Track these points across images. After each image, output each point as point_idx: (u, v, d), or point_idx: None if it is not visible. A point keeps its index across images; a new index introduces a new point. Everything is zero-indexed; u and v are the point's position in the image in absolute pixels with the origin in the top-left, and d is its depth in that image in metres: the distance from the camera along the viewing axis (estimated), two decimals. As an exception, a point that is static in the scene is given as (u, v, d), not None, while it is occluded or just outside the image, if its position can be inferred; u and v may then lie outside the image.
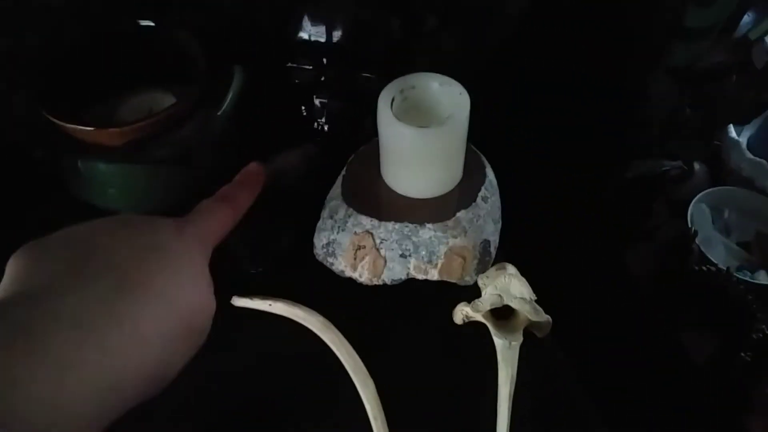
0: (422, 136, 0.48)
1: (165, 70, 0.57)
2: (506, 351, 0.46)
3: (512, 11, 0.68)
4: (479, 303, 0.49)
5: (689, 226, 0.85)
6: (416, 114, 0.51)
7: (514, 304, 0.48)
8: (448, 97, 0.51)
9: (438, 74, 0.51)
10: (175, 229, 0.35)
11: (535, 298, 0.49)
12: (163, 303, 0.31)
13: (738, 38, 0.95)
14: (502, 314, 0.50)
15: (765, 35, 0.92)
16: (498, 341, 0.47)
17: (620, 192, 0.86)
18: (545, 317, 0.49)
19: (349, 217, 0.52)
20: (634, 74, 0.74)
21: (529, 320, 0.49)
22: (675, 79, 0.73)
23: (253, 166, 0.46)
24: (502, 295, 0.48)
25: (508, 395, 0.45)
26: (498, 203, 0.57)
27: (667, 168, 0.83)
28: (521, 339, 0.47)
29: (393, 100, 0.50)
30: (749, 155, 0.88)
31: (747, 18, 1.00)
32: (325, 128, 0.57)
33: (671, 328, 0.83)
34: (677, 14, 0.67)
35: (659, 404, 0.82)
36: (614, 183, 0.84)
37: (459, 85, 0.50)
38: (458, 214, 0.52)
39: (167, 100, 0.55)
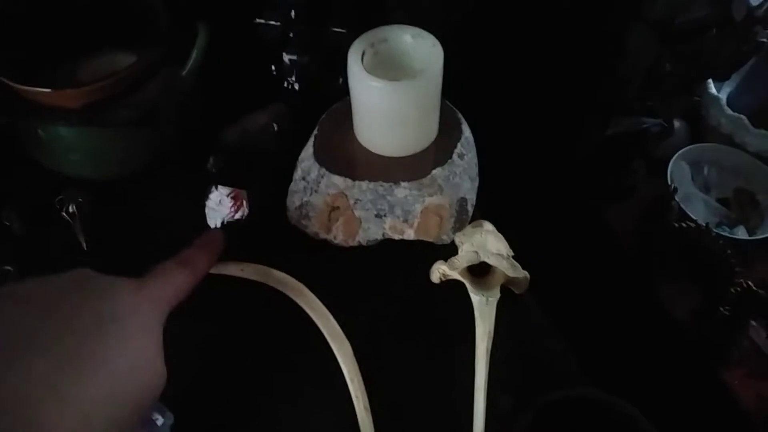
0: (394, 91, 0.46)
1: (127, 29, 0.55)
2: (483, 307, 0.46)
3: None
4: (456, 260, 0.48)
5: (669, 183, 0.84)
6: (388, 68, 0.50)
7: (490, 261, 0.47)
8: (421, 51, 0.49)
9: (410, 26, 0.50)
10: (133, 294, 0.33)
11: (512, 254, 0.49)
12: (113, 382, 0.29)
13: (718, -9, 0.93)
14: (480, 271, 0.50)
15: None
16: (475, 297, 0.46)
17: (600, 149, 0.85)
18: (522, 273, 0.48)
19: (322, 177, 0.51)
20: (614, 27, 0.73)
21: (507, 276, 0.48)
22: (655, 33, 0.72)
23: (213, 232, 0.45)
24: (478, 251, 0.48)
25: (486, 351, 0.44)
26: (475, 160, 0.56)
27: (647, 125, 0.82)
28: (498, 295, 0.47)
29: (363, 54, 0.48)
30: (729, 111, 0.88)
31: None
32: (296, 86, 0.55)
33: (652, 284, 0.84)
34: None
35: (639, 357, 0.83)
36: (594, 140, 0.83)
37: (432, 37, 0.49)
38: (434, 172, 0.51)
39: (130, 60, 0.52)
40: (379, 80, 0.46)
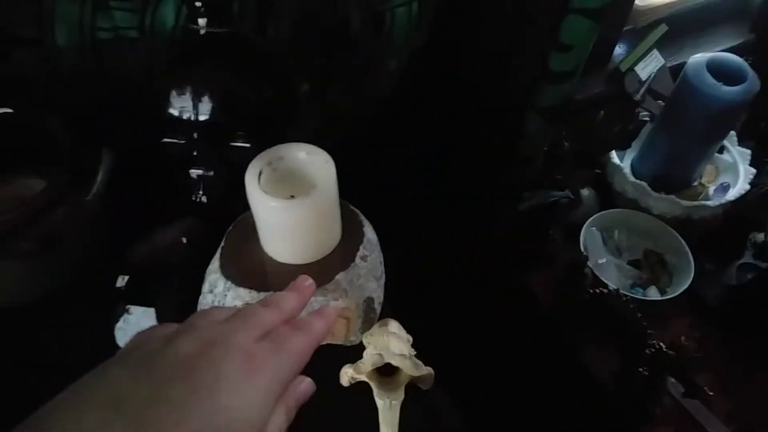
0: (289, 208, 0.49)
1: (32, 154, 0.56)
2: (386, 411, 0.47)
3: (384, 73, 0.71)
4: (361, 364, 0.50)
5: (582, 250, 0.89)
6: (287, 184, 0.52)
7: (394, 362, 0.49)
8: (315, 166, 0.52)
9: (305, 144, 0.53)
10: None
11: (414, 353, 0.51)
12: None
13: (611, 70, 1.02)
14: (388, 370, 0.52)
15: (635, 65, 0.99)
16: (378, 402, 0.48)
17: (516, 223, 0.90)
18: (426, 370, 0.50)
19: (228, 290, 0.52)
20: (512, 117, 0.78)
21: (412, 376, 0.50)
22: (549, 117, 0.78)
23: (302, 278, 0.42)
24: (382, 353, 0.50)
25: (390, 456, 0.46)
26: (379, 259, 0.58)
27: (556, 197, 0.88)
28: (401, 397, 0.49)
29: (261, 172, 0.51)
30: (631, 178, 0.94)
31: (619, 50, 1.08)
32: (203, 200, 0.57)
33: (574, 350, 0.87)
34: (543, 60, 0.71)
35: (567, 423, 0.85)
36: (508, 215, 0.88)
37: (324, 153, 0.52)
38: (337, 277, 0.53)
39: (37, 185, 0.54)
40: (274, 199, 0.48)
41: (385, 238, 0.61)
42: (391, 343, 0.50)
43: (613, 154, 0.97)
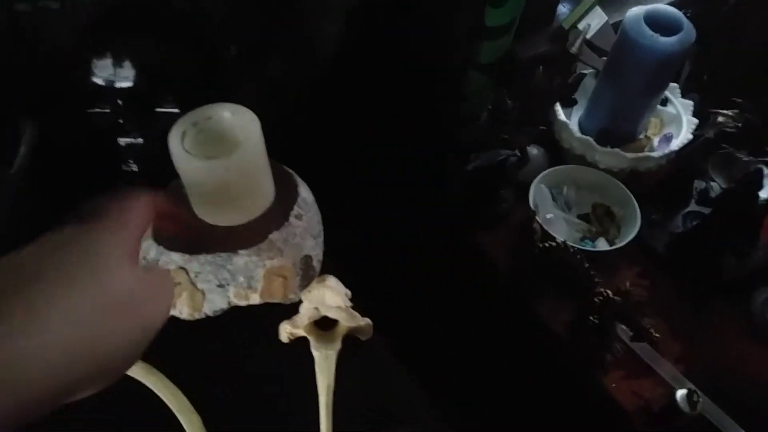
0: (213, 168, 0.48)
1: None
2: (322, 362, 0.48)
3: (319, 34, 0.70)
4: (297, 318, 0.50)
5: (531, 206, 0.91)
6: (214, 145, 0.52)
7: (330, 314, 0.50)
8: (241, 126, 0.52)
9: (230, 104, 0.52)
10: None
11: (350, 305, 0.51)
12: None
13: (556, 28, 1.03)
14: (327, 325, 0.52)
15: (578, 23, 1.00)
16: (315, 353, 0.49)
17: (466, 183, 0.91)
18: (363, 321, 0.51)
19: (160, 256, 0.52)
20: (453, 77, 0.79)
21: (350, 327, 0.51)
22: (489, 75, 0.78)
23: None
24: (318, 307, 0.50)
25: (326, 404, 0.46)
26: (317, 218, 0.58)
27: (504, 156, 0.88)
28: (338, 347, 0.49)
29: (185, 133, 0.50)
30: (577, 134, 0.96)
31: (563, 9, 1.08)
32: (135, 169, 0.56)
33: (529, 304, 0.89)
34: (477, 15, 0.71)
35: (523, 372, 0.87)
36: (458, 176, 0.88)
37: (249, 112, 0.51)
38: (271, 236, 0.53)
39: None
40: (197, 159, 0.48)
41: (335, 205, 0.61)
42: (326, 296, 0.50)
43: (560, 111, 0.98)
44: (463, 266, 0.89)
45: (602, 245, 0.89)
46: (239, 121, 0.53)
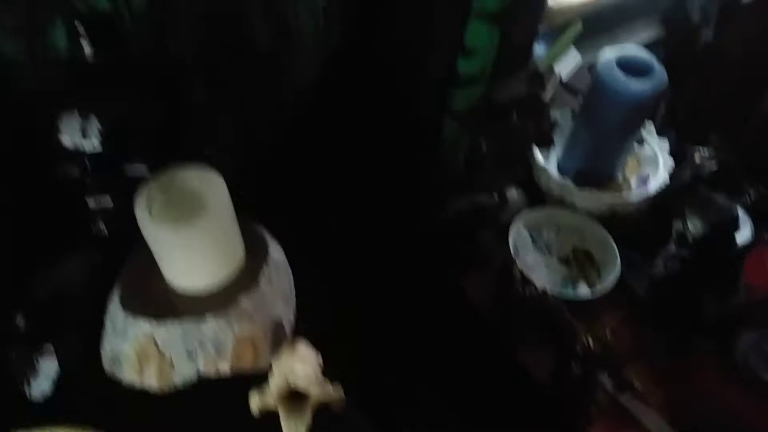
0: (179, 232, 0.47)
1: None
2: (292, 437, 0.46)
3: (297, 82, 0.69)
4: (267, 389, 0.48)
5: (511, 250, 0.89)
6: (180, 208, 0.50)
7: (300, 385, 0.48)
8: (207, 187, 0.51)
9: (195, 165, 0.51)
10: None
11: (321, 373, 0.50)
12: None
13: (532, 71, 1.03)
14: (299, 395, 0.50)
15: (552, 65, 1.00)
16: (284, 427, 0.46)
17: (446, 228, 0.89)
18: (335, 393, 0.49)
19: (128, 322, 0.50)
20: (428, 123, 0.78)
21: (320, 399, 0.49)
22: (463, 121, 0.78)
23: None
24: (287, 378, 0.48)
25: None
26: (288, 280, 0.57)
27: (481, 200, 0.88)
28: (308, 421, 0.47)
29: (150, 198, 0.49)
30: (555, 176, 0.95)
31: (541, 51, 1.09)
32: (104, 230, 0.54)
33: (510, 350, 0.87)
34: (449, 64, 0.71)
35: (506, 425, 0.85)
36: (434, 221, 0.87)
37: (215, 174, 0.50)
38: (240, 302, 0.51)
39: None
40: (161, 226, 0.46)
41: (315, 247, 0.60)
42: (296, 367, 0.48)
43: (537, 153, 0.97)
44: (443, 310, 0.88)
45: (583, 290, 0.88)
46: (205, 184, 0.52)
